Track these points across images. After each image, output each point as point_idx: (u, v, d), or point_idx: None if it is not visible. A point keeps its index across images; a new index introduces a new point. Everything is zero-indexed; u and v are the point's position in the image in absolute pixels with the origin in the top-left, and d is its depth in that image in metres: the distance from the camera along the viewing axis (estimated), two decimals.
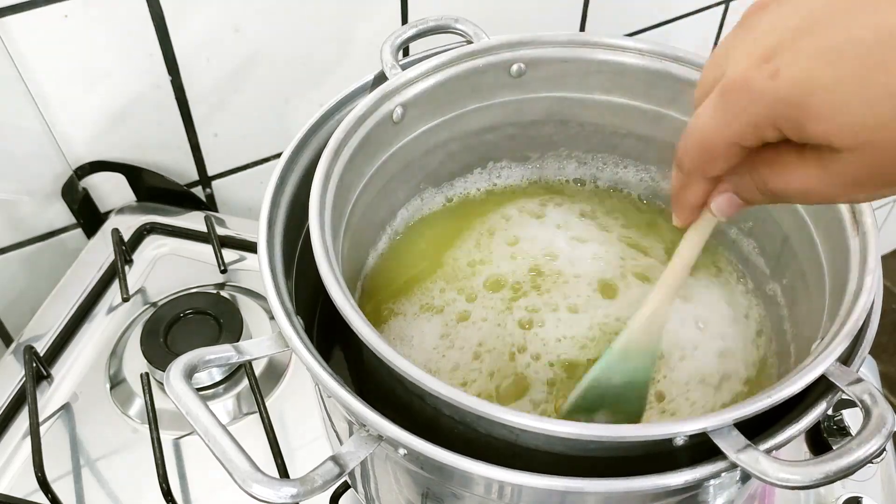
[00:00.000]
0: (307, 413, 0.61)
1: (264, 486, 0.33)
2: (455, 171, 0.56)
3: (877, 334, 0.38)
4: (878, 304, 0.39)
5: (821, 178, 0.29)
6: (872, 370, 0.66)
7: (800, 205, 0.46)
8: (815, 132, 0.28)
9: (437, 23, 0.51)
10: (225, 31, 0.68)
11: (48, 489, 0.55)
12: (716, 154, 0.31)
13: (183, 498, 0.57)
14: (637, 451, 0.36)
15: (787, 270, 0.49)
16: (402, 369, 0.35)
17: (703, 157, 0.32)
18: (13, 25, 0.60)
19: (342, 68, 0.75)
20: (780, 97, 0.28)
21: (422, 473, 0.38)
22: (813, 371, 0.35)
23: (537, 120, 0.54)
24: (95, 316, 0.68)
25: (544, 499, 0.36)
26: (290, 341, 0.37)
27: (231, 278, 0.70)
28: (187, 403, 0.35)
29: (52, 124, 0.67)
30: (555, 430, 0.33)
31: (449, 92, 0.50)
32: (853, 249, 0.40)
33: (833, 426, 0.57)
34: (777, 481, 0.32)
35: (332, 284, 0.38)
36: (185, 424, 0.60)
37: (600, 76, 0.51)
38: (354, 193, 0.47)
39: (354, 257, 0.50)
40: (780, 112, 0.28)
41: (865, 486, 0.57)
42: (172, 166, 0.75)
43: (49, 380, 0.63)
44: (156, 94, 0.69)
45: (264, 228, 0.42)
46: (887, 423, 0.32)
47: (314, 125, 0.47)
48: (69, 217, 0.73)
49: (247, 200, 0.82)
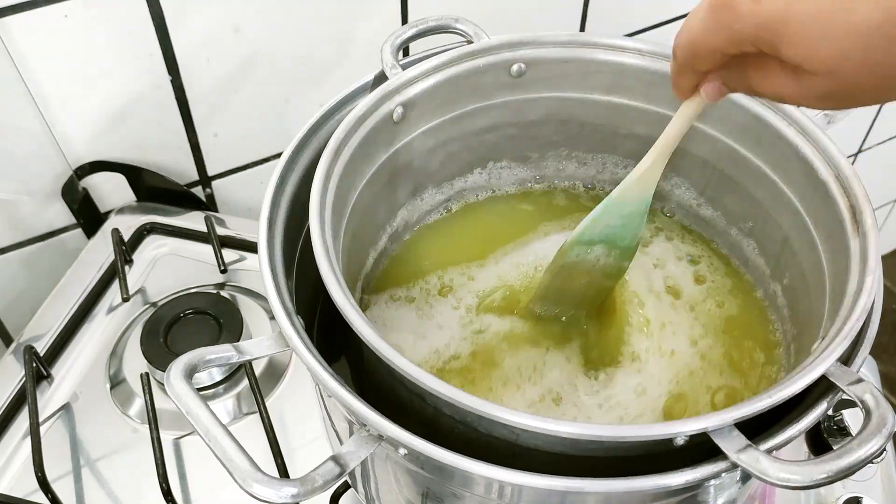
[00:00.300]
0: (307, 413, 0.61)
1: (265, 486, 0.33)
2: (455, 171, 0.56)
3: (877, 334, 0.39)
4: (878, 305, 0.39)
5: (794, 88, 0.33)
6: (872, 370, 0.66)
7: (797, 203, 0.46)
8: (787, 55, 0.32)
9: (437, 23, 0.51)
10: (225, 31, 0.68)
11: (48, 489, 0.55)
12: (701, 56, 0.36)
13: (183, 498, 0.57)
14: (637, 451, 0.36)
15: (787, 270, 0.49)
16: (403, 369, 0.35)
17: (691, 55, 0.37)
18: (13, 25, 0.60)
19: (342, 68, 0.75)
20: (760, 22, 0.32)
21: (422, 473, 0.38)
22: (813, 371, 0.35)
23: (537, 120, 0.54)
24: (95, 316, 0.68)
25: (544, 499, 0.36)
26: (290, 341, 0.37)
27: (231, 278, 0.70)
28: (188, 403, 0.35)
29: (52, 124, 0.67)
30: (555, 430, 0.33)
31: (449, 92, 0.50)
32: (853, 250, 0.40)
33: (833, 426, 0.57)
34: (777, 481, 0.32)
35: (332, 284, 0.38)
36: (185, 424, 0.60)
37: (600, 76, 0.51)
38: (354, 193, 0.47)
39: (354, 257, 0.50)
40: (759, 34, 0.32)
41: (866, 487, 0.57)
42: (172, 166, 0.75)
43: (49, 380, 0.63)
44: (156, 94, 0.69)
45: (264, 228, 0.42)
46: (888, 424, 0.32)
47: (314, 125, 0.47)
48: (69, 217, 0.73)
49: (247, 200, 0.82)
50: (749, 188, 0.50)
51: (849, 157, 1.07)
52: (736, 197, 0.52)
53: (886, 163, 1.35)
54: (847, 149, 1.27)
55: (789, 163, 0.46)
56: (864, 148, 1.29)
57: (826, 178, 0.43)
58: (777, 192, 0.48)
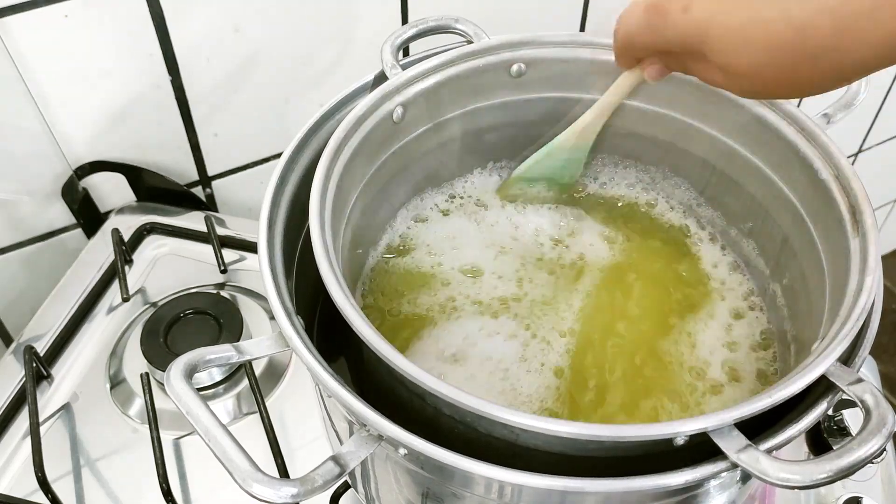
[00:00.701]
0: (307, 413, 0.61)
1: (265, 486, 0.33)
2: (455, 171, 0.56)
3: (877, 334, 0.39)
4: (878, 305, 0.39)
5: (724, 81, 0.37)
6: (872, 370, 0.66)
7: (797, 203, 0.46)
8: (712, 60, 0.36)
9: (437, 23, 0.51)
10: (225, 31, 0.68)
11: (48, 489, 0.55)
12: (637, 48, 0.42)
13: (183, 498, 0.57)
14: (637, 451, 0.36)
15: (787, 270, 0.49)
16: (403, 369, 0.35)
17: (628, 45, 0.42)
18: (13, 25, 0.60)
19: (342, 68, 0.75)
20: (687, 31, 0.36)
21: (422, 473, 0.38)
22: (813, 371, 0.35)
23: (537, 120, 0.54)
24: (95, 316, 0.68)
25: (544, 499, 0.36)
26: (290, 341, 0.37)
27: (231, 278, 0.70)
28: (188, 403, 0.35)
29: (52, 124, 0.67)
30: (555, 430, 0.33)
31: (449, 92, 0.50)
32: (853, 250, 0.40)
33: (833, 426, 0.57)
34: (777, 481, 0.32)
35: (332, 284, 0.38)
36: (185, 424, 0.60)
37: (600, 76, 0.51)
38: (354, 193, 0.47)
39: (354, 257, 0.50)
40: (686, 41, 0.37)
41: (866, 487, 0.57)
42: (172, 166, 0.75)
43: (49, 380, 0.63)
44: (156, 94, 0.69)
45: (264, 228, 0.42)
46: (887, 424, 0.32)
47: (314, 125, 0.47)
48: (69, 217, 0.73)
49: (247, 200, 0.82)
50: (749, 188, 0.50)
51: (849, 157, 1.07)
52: (736, 197, 0.52)
53: (886, 163, 1.35)
54: (847, 149, 1.27)
55: (789, 163, 0.46)
56: (864, 148, 1.29)
57: (826, 178, 0.43)
58: (777, 192, 0.48)
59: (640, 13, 0.39)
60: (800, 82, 0.34)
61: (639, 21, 0.39)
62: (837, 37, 0.32)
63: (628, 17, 0.40)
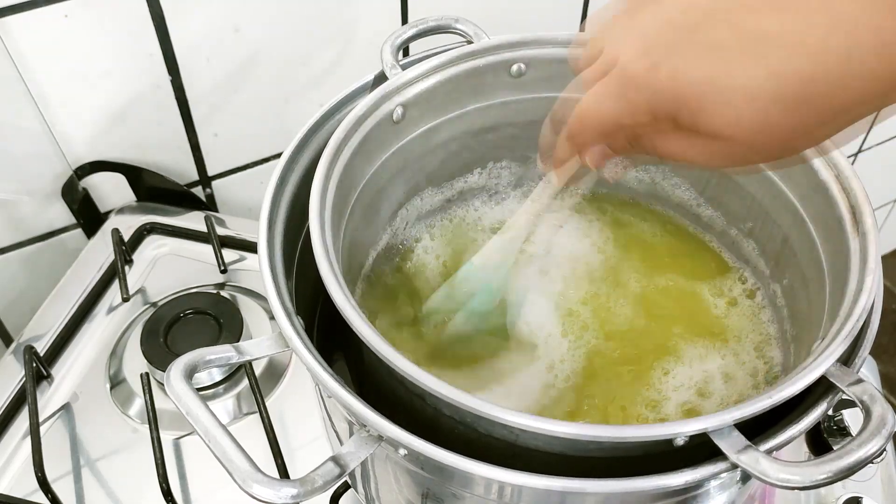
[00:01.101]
0: (307, 413, 0.61)
1: (265, 487, 0.33)
2: (455, 171, 0.56)
3: (877, 335, 0.38)
4: (878, 305, 0.39)
5: (690, 150, 0.34)
6: (872, 370, 0.66)
7: (797, 203, 0.46)
8: (685, 121, 0.32)
9: (437, 23, 0.51)
10: (225, 31, 0.68)
11: (48, 489, 0.55)
12: (590, 127, 0.36)
13: (183, 498, 0.57)
14: (637, 451, 0.36)
15: (787, 271, 0.49)
16: (403, 369, 0.35)
17: (579, 126, 0.37)
18: (13, 25, 0.60)
19: (342, 68, 0.75)
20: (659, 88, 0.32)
21: (422, 474, 0.38)
22: (813, 371, 0.35)
23: (537, 120, 0.54)
24: (95, 316, 0.68)
25: (544, 499, 0.36)
26: (290, 341, 0.37)
27: (231, 278, 0.70)
28: (187, 403, 0.35)
29: (52, 124, 0.67)
30: (555, 431, 0.33)
31: (449, 92, 0.50)
32: (853, 250, 0.40)
33: (833, 426, 0.57)
34: (777, 482, 0.32)
35: (332, 284, 0.38)
36: (185, 424, 0.60)
37: None
38: (354, 193, 0.47)
39: (354, 257, 0.50)
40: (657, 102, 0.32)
41: (866, 487, 0.57)
42: (172, 166, 0.75)
43: (49, 380, 0.63)
44: (156, 94, 0.69)
45: (264, 228, 0.42)
46: (887, 424, 0.32)
47: (314, 125, 0.47)
48: (69, 217, 0.73)
49: (247, 200, 0.82)
50: (749, 188, 0.50)
51: (849, 157, 1.07)
52: (736, 197, 0.52)
53: (886, 163, 1.35)
54: (847, 149, 1.26)
55: (789, 163, 0.46)
56: (864, 148, 1.29)
57: (826, 179, 0.43)
58: (777, 192, 0.48)
59: (600, 85, 0.35)
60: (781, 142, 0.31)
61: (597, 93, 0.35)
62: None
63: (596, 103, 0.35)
